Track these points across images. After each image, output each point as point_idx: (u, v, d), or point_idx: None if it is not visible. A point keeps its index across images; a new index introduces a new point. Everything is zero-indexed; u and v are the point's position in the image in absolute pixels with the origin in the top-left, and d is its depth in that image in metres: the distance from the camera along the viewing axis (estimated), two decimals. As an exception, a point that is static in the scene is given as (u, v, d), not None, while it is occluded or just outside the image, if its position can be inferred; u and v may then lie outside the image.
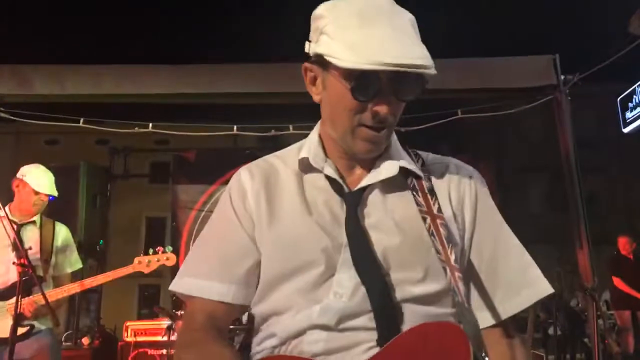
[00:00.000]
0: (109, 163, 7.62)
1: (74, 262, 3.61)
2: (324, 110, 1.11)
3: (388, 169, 1.10)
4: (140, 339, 5.60)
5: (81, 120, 5.07)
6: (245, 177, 1.15)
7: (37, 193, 3.40)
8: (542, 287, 1.09)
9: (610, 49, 5.00)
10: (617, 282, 7.72)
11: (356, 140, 1.05)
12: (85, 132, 5.64)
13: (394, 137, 1.15)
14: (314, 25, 1.07)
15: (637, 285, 7.77)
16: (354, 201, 1.07)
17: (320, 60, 1.04)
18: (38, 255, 3.32)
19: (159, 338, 5.05)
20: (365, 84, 0.98)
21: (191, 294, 1.08)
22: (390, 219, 1.06)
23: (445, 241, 1.01)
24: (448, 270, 0.99)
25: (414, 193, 1.08)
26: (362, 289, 0.99)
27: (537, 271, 1.10)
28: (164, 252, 3.78)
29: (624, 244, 7.83)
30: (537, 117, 6.91)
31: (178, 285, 1.11)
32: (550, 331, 9.87)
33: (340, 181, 1.10)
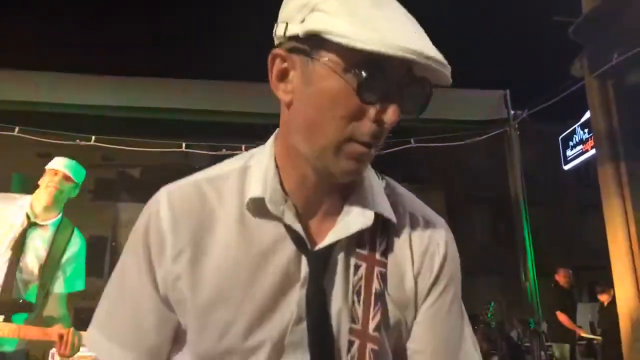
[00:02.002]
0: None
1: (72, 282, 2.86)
2: (299, 115, 0.81)
3: (361, 218, 0.86)
4: (67, 367, 5.13)
5: (16, 129, 4.74)
6: (166, 220, 0.85)
7: (56, 173, 2.76)
8: None
9: (557, 89, 5.22)
10: (561, 317, 7.84)
11: (340, 158, 0.79)
12: (24, 143, 5.26)
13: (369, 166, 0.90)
14: (299, 1, 0.79)
15: (574, 317, 8.03)
16: (320, 265, 0.84)
17: (305, 45, 0.77)
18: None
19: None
20: (374, 80, 0.74)
21: (98, 354, 0.90)
22: (348, 286, 0.86)
23: (373, 299, 0.84)
24: (356, 345, 0.82)
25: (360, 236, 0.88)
26: None
27: None
28: None
29: (563, 276, 8.01)
30: (486, 149, 7.08)
31: (89, 337, 0.93)
32: (493, 361, 10.06)
33: (304, 235, 0.84)
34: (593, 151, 8.84)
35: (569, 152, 10.33)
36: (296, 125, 0.83)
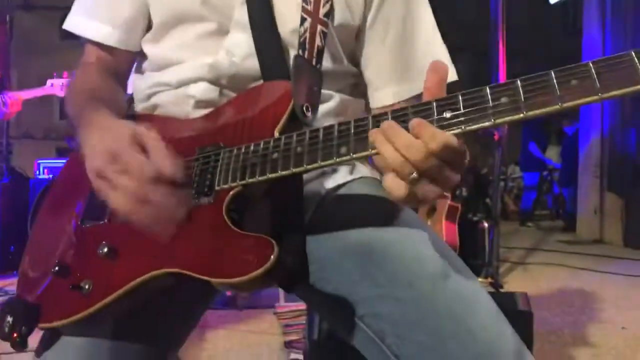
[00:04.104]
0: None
1: None
2: None
3: None
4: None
5: None
6: None
7: None
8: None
9: None
10: (532, 147, 8.61)
11: None
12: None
13: None
14: None
15: (544, 150, 8.88)
16: None
17: None
18: None
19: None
20: None
21: (77, 32, 1.04)
22: None
23: None
24: (308, 21, 0.91)
25: None
26: (255, 56, 0.92)
27: (444, 54, 1.01)
28: None
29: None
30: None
31: (68, 22, 1.05)
32: (458, 192, 10.89)
33: None
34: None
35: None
36: None
